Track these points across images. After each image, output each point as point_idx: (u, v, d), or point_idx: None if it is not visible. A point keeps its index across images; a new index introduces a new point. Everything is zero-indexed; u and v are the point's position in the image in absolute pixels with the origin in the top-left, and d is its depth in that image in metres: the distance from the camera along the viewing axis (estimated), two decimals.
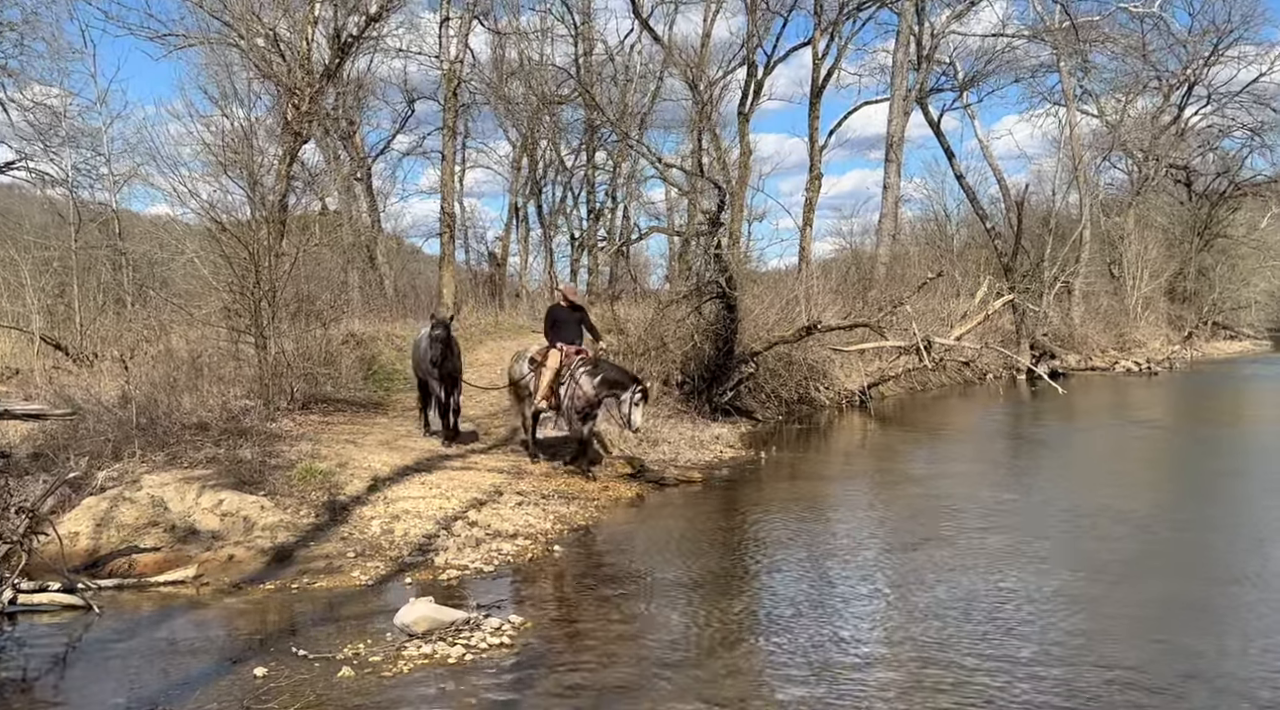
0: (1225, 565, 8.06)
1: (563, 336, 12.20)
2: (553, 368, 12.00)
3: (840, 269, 32.96)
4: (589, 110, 28.60)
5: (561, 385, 11.97)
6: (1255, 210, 49.08)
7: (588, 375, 11.81)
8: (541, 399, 12.13)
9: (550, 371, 12.00)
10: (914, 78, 31.55)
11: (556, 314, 12.49)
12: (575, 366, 11.92)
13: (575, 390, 11.83)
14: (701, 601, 7.43)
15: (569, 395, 11.90)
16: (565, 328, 12.30)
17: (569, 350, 12.10)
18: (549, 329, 12.36)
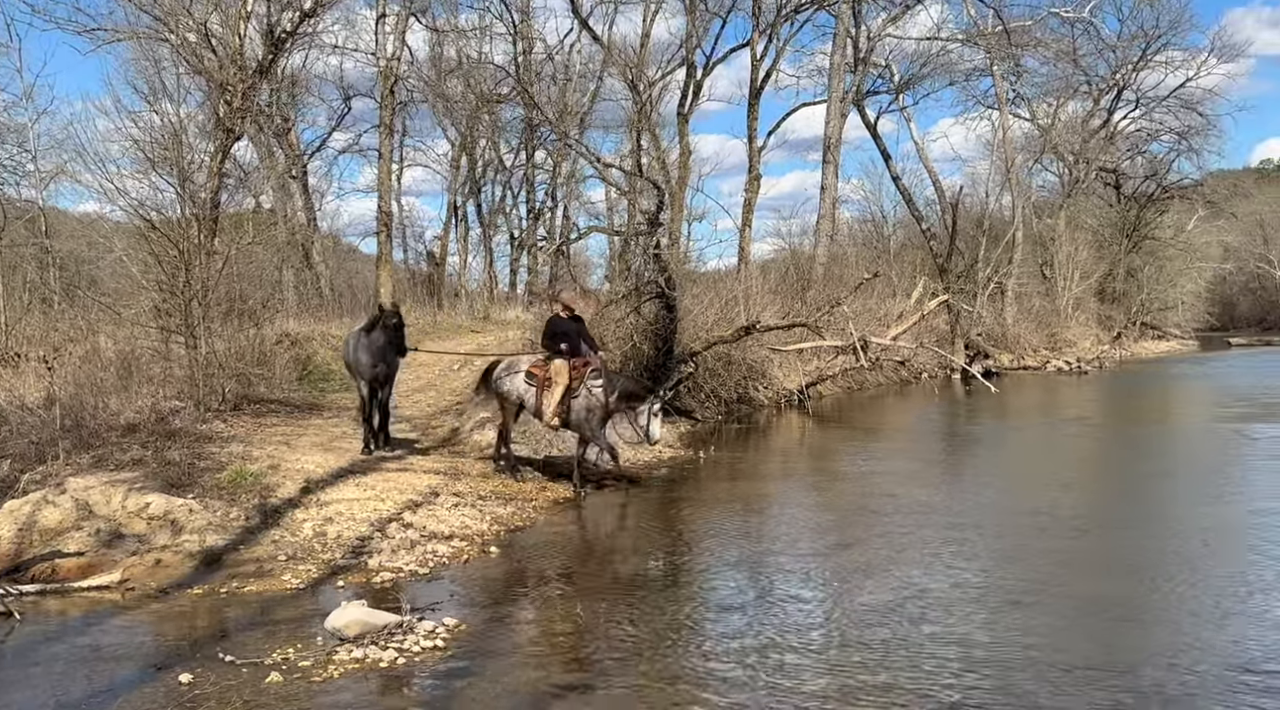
0: (1151, 563, 8.21)
1: (570, 351, 11.58)
2: (563, 383, 11.38)
3: (779, 269, 33.19)
4: (528, 109, 28.52)
5: (574, 398, 11.38)
6: (1182, 212, 50.31)
7: (602, 389, 11.32)
8: (554, 416, 11.46)
9: (561, 386, 11.38)
10: (851, 80, 31.87)
11: (558, 325, 11.84)
12: (586, 379, 11.37)
13: (591, 403, 11.31)
14: (639, 601, 7.42)
15: (584, 408, 11.34)
16: (568, 340, 11.67)
17: (577, 363, 11.50)
18: (549, 341, 11.75)
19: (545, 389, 11.48)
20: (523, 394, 11.73)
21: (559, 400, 11.36)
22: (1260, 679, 5.52)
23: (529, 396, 11.66)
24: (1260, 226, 70.84)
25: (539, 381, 11.59)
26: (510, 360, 12.30)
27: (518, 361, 12.17)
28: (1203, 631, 6.40)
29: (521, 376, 11.79)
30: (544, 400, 11.47)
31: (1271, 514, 9.61)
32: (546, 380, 11.50)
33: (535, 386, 11.61)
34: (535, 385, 11.61)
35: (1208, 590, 7.34)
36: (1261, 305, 73.86)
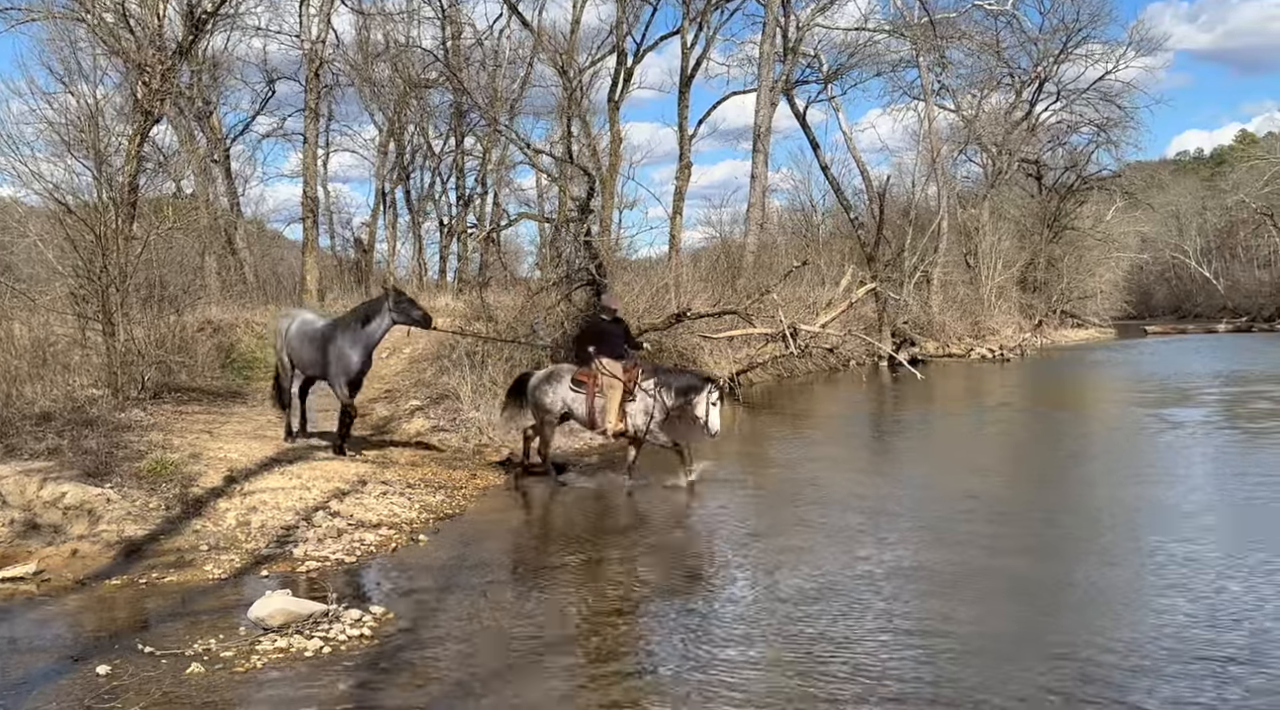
0: (1074, 545, 8.39)
1: (609, 352, 11.20)
2: (620, 386, 10.96)
3: (710, 257, 33.32)
4: (457, 95, 28.24)
5: (630, 402, 10.97)
6: (1101, 203, 51.51)
7: (660, 388, 10.96)
8: (618, 423, 11.00)
9: (618, 391, 10.96)
10: (780, 69, 32.09)
11: (600, 327, 11.48)
12: (640, 381, 10.99)
13: (648, 404, 10.91)
14: (570, 588, 7.41)
15: (642, 411, 10.95)
16: (611, 342, 11.28)
17: (628, 364, 11.14)
18: (586, 345, 11.31)
19: (597, 395, 11.01)
20: (570, 403, 11.19)
21: (618, 405, 10.92)
22: (1184, 654, 5.67)
23: (578, 405, 11.14)
24: (1176, 217, 72.84)
25: (589, 388, 11.08)
26: (550, 369, 11.74)
27: (559, 370, 11.63)
28: (1126, 611, 6.56)
29: (567, 384, 11.25)
30: (597, 407, 11.00)
31: (1188, 494, 9.89)
32: (598, 386, 11.03)
33: (585, 394, 11.10)
34: (585, 392, 11.10)
35: (1129, 570, 7.54)
36: (1176, 294, 76.01)
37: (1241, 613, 6.34)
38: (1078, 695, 5.12)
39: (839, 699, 5.17)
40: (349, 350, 11.14)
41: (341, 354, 11.15)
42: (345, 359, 11.15)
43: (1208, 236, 74.07)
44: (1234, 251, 72.26)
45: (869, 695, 5.21)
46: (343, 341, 11.17)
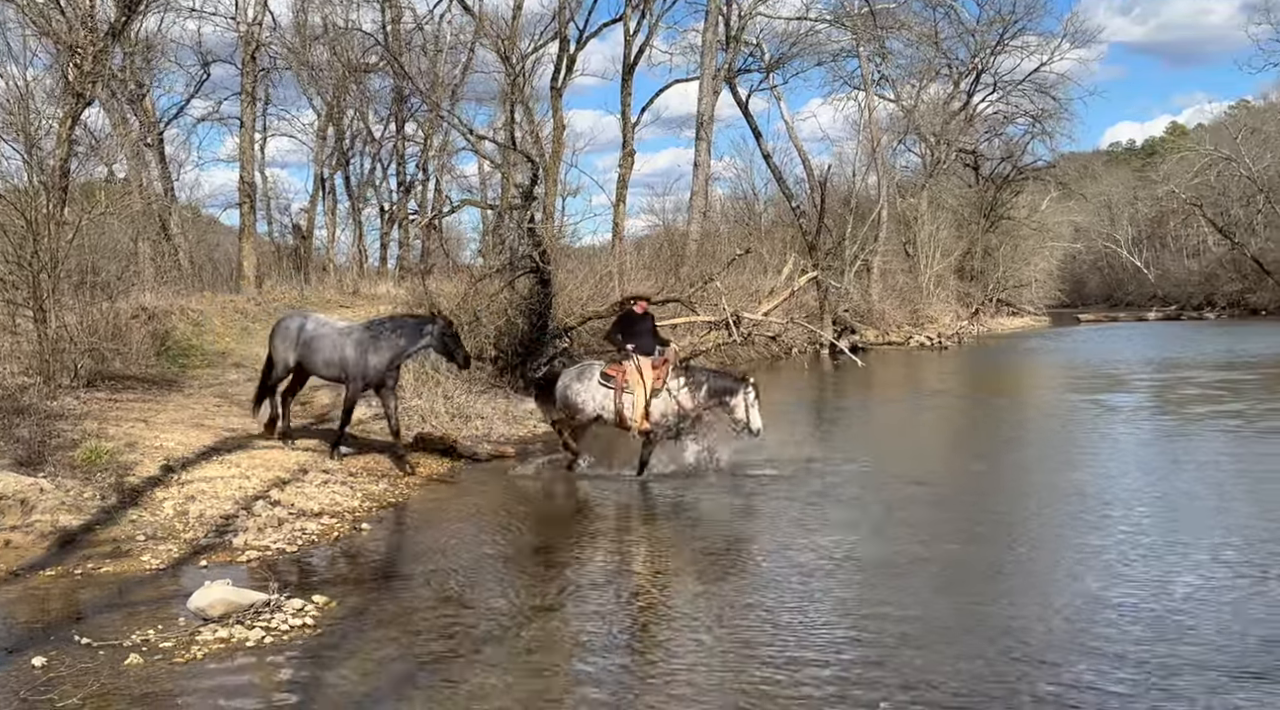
0: (1012, 528, 8.55)
1: (640, 348, 10.92)
2: (649, 384, 10.70)
3: (653, 245, 33.43)
4: (398, 79, 27.96)
5: (654, 399, 10.70)
6: (1036, 193, 52.41)
7: (690, 388, 10.74)
8: (644, 421, 10.69)
9: (643, 388, 10.69)
10: (723, 58, 32.16)
11: (630, 322, 11.19)
12: (669, 379, 10.75)
13: (667, 407, 10.69)
14: (514, 576, 7.42)
15: (660, 412, 10.71)
16: (641, 338, 11.02)
17: (657, 362, 10.86)
18: (618, 337, 11.06)
19: (624, 391, 10.76)
20: (601, 401, 10.92)
21: (645, 403, 10.67)
22: (1120, 635, 5.82)
23: (608, 402, 10.87)
24: (1108, 207, 74.34)
25: (617, 384, 10.84)
26: (579, 369, 11.48)
27: (587, 367, 11.39)
28: (1062, 593, 6.71)
29: (596, 381, 10.99)
30: (625, 404, 10.74)
31: (1122, 477, 10.11)
32: (625, 383, 10.79)
33: (614, 389, 10.85)
34: (614, 388, 10.85)
35: (1066, 553, 7.72)
36: (1109, 283, 77.59)
37: (1169, 595, 6.51)
38: (1011, 676, 5.23)
39: (777, 684, 5.23)
40: (372, 356, 10.83)
41: (362, 356, 10.84)
42: (364, 362, 10.82)
43: (1139, 226, 75.67)
44: (1164, 241, 73.90)
45: (809, 680, 5.26)
46: (372, 346, 10.85)
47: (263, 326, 19.64)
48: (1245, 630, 5.78)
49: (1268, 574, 6.84)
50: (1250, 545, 7.58)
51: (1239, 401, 16.65)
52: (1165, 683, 5.09)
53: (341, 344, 10.97)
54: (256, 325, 19.68)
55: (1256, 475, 10.42)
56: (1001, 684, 5.12)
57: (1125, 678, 5.16)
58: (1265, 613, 6.09)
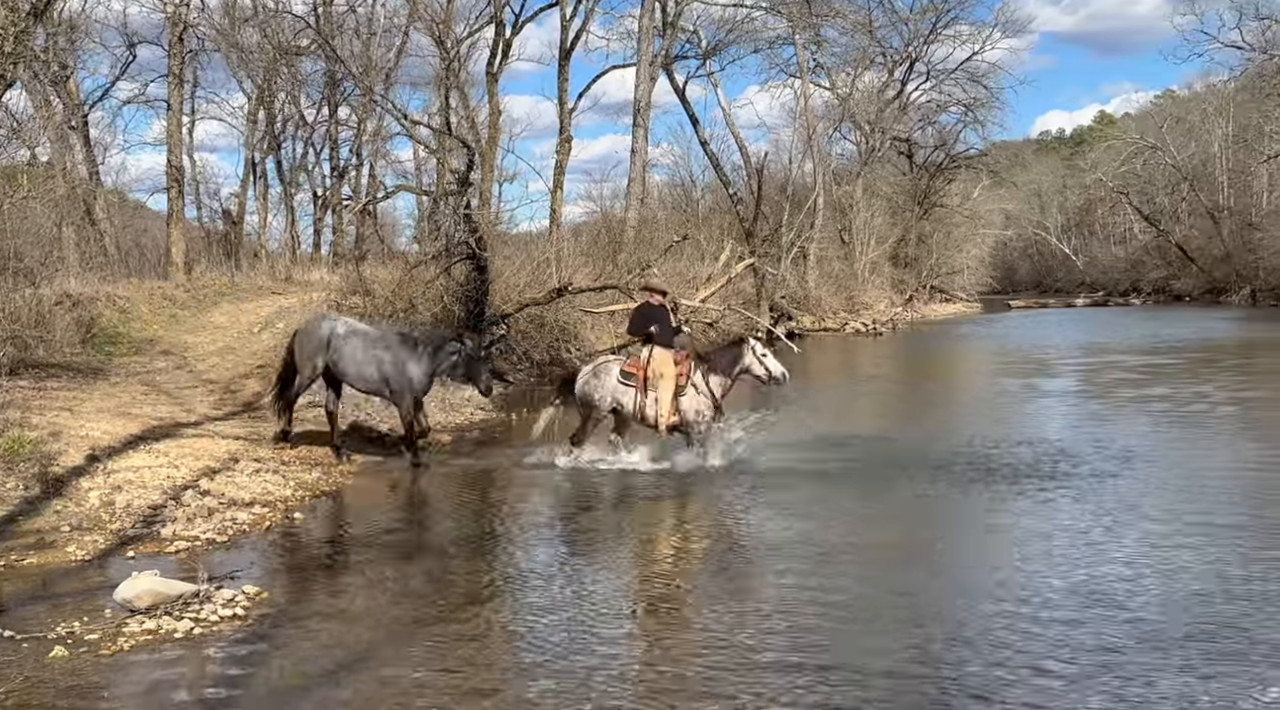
0: (947, 511, 8.67)
1: (662, 340, 10.63)
2: (671, 376, 10.40)
3: (591, 232, 33.33)
4: (330, 63, 27.51)
5: (682, 397, 10.46)
6: (968, 181, 53.29)
7: (714, 376, 10.51)
8: (671, 416, 10.40)
9: (670, 381, 10.40)
10: (660, 44, 32.12)
11: (653, 315, 10.82)
12: (693, 372, 10.50)
13: (700, 404, 10.47)
14: (449, 563, 7.38)
15: (693, 409, 10.46)
16: (664, 330, 10.71)
17: (679, 356, 10.61)
18: (639, 328, 10.78)
19: (647, 389, 10.47)
20: (620, 398, 10.64)
21: (672, 397, 10.38)
22: (1052, 616, 5.94)
23: (627, 399, 10.59)
24: (1038, 195, 75.77)
25: (639, 381, 10.54)
26: (594, 366, 11.18)
27: (606, 363, 11.10)
28: (996, 575, 6.84)
29: (615, 377, 10.70)
30: (648, 401, 10.45)
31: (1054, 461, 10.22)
32: (648, 379, 10.49)
33: (635, 387, 10.56)
34: (635, 386, 10.56)
35: (1001, 536, 7.86)
36: (1038, 269, 79.13)
37: (1096, 574, 6.67)
38: (945, 659, 5.32)
39: (717, 668, 5.26)
40: (414, 367, 10.63)
41: (402, 369, 10.65)
42: (404, 374, 10.64)
43: (1068, 214, 77.22)
44: (1092, 229, 75.49)
45: (744, 664, 5.30)
46: (411, 360, 10.65)
47: (192, 314, 19.33)
48: (1169, 607, 5.93)
49: (1194, 549, 7.02)
50: (1181, 522, 7.74)
51: (1164, 386, 17.07)
52: (1096, 659, 5.21)
53: (380, 358, 10.66)
54: (185, 312, 19.33)
55: (1185, 456, 10.67)
56: (928, 663, 5.20)
57: (1061, 655, 5.27)
58: (1192, 591, 6.24)
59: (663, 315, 10.87)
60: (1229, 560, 6.75)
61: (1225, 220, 54.28)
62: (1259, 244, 47.28)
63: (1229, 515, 7.97)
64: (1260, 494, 8.81)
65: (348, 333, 10.90)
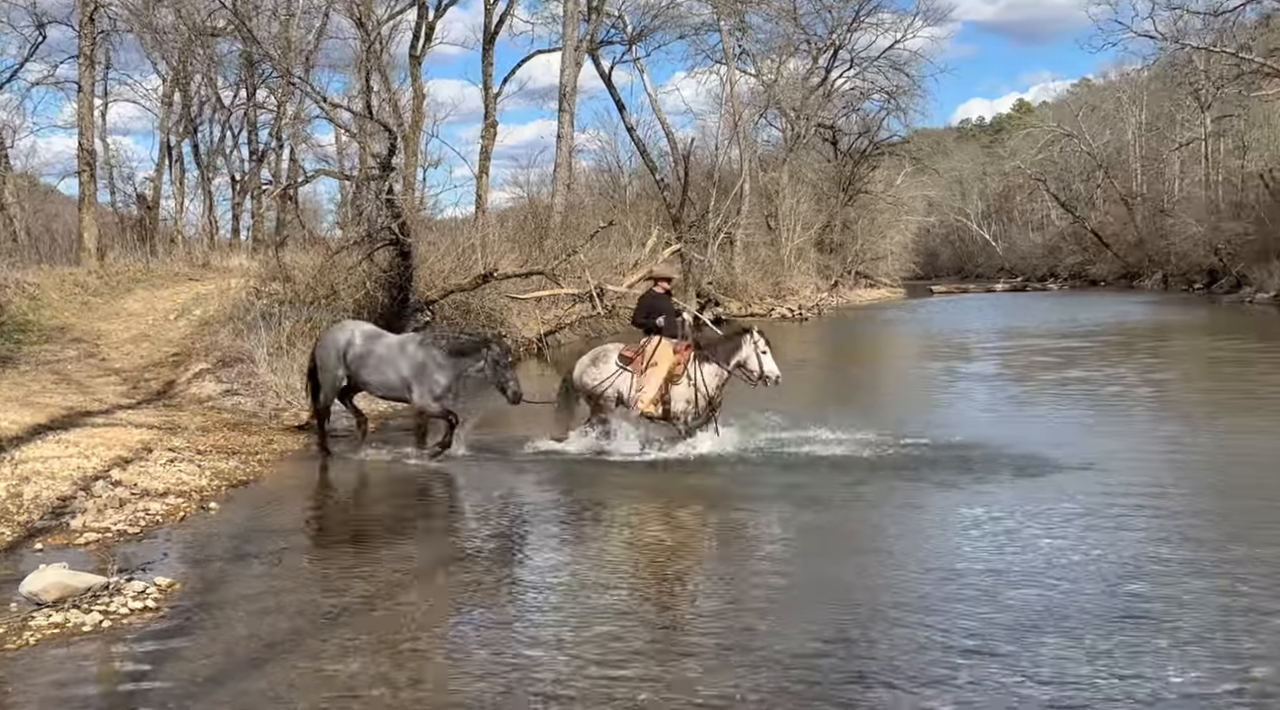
0: (867, 493, 8.74)
1: (667, 331, 10.44)
2: (666, 364, 10.17)
3: (517, 218, 33.14)
4: (247, 44, 26.88)
5: (675, 386, 10.25)
6: (891, 168, 53.97)
7: (712, 366, 10.30)
8: (650, 404, 10.18)
9: (663, 368, 10.17)
10: (585, 29, 31.96)
11: (658, 304, 10.62)
12: (693, 365, 10.27)
13: (692, 394, 10.24)
14: (369, 552, 7.27)
15: (684, 399, 10.25)
16: (670, 320, 10.52)
17: (680, 346, 10.41)
18: (644, 318, 10.51)
19: (640, 374, 10.29)
20: (618, 384, 10.41)
21: (658, 385, 10.16)
22: (963, 593, 6.04)
23: (624, 385, 10.36)
24: (959, 182, 77.08)
25: (635, 367, 10.36)
26: (594, 354, 10.90)
27: (602, 351, 10.83)
28: (918, 558, 6.94)
29: (614, 363, 10.50)
30: (625, 385, 10.25)
31: (976, 445, 10.32)
32: (644, 365, 10.30)
33: (632, 372, 10.36)
34: (631, 371, 10.37)
35: (920, 516, 7.97)
36: (960, 255, 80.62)
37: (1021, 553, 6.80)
38: (864, 639, 5.38)
39: (642, 654, 5.27)
40: (438, 374, 10.22)
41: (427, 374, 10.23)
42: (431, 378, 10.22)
43: (988, 200, 78.74)
44: (1011, 215, 77.10)
45: (668, 651, 5.30)
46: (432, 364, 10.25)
47: (105, 301, 18.81)
48: (1084, 587, 6.07)
49: (1112, 531, 7.19)
50: (1100, 504, 7.91)
51: (1082, 369, 17.46)
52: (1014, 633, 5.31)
53: (400, 363, 10.32)
54: (98, 299, 18.82)
55: (1104, 439, 10.89)
56: (844, 645, 5.26)
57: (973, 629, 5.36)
58: (1110, 572, 6.38)
59: (667, 304, 10.71)
60: (1149, 542, 6.85)
61: (1139, 207, 55.75)
62: (1170, 230, 48.63)
63: (1147, 497, 8.06)
64: (1177, 475, 8.96)
65: (366, 339, 10.60)
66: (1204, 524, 7.28)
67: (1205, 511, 7.74)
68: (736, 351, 10.35)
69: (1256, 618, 5.35)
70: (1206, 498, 8.29)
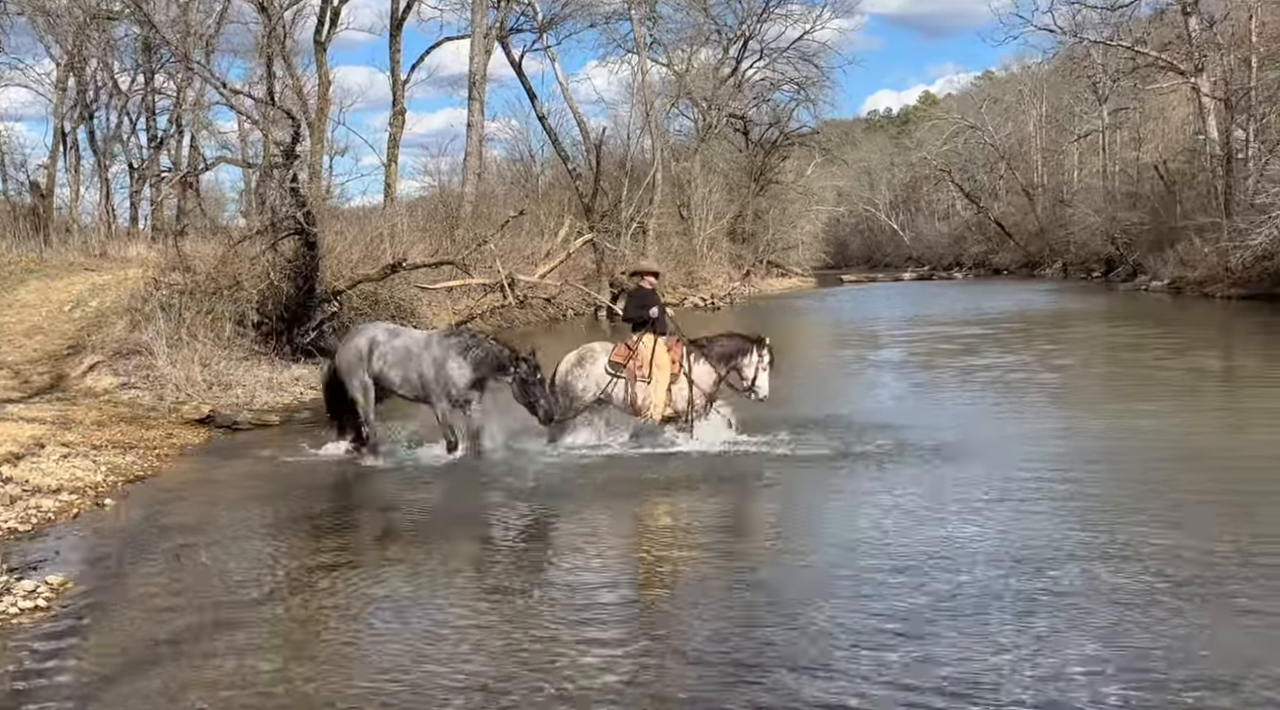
0: (766, 481, 8.82)
1: (659, 328, 10.16)
2: (667, 367, 9.90)
3: (428, 207, 32.75)
4: (144, 28, 26.11)
5: (674, 384, 9.94)
6: (802, 159, 54.58)
7: (706, 363, 10.04)
8: (665, 408, 9.87)
9: (666, 372, 9.89)
10: (494, 16, 31.69)
11: (649, 299, 10.33)
12: (685, 358, 10.01)
13: (693, 392, 9.94)
14: (269, 548, 7.13)
15: (684, 398, 9.94)
16: (660, 316, 10.23)
17: (671, 342, 10.12)
18: (641, 312, 10.20)
19: (639, 379, 9.93)
20: (607, 388, 10.06)
21: (666, 388, 9.84)
22: (868, 581, 6.13)
23: (616, 389, 10.02)
24: (868, 173, 78.35)
25: (629, 372, 9.99)
26: (579, 353, 10.38)
27: (589, 351, 10.36)
28: (824, 543, 7.02)
29: (602, 367, 10.10)
30: (639, 393, 9.90)
31: (886, 431, 10.39)
32: (639, 369, 9.94)
33: (625, 378, 10.00)
34: (626, 376, 10.00)
35: (828, 503, 8.07)
36: (869, 245, 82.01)
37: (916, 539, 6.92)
38: (763, 621, 5.43)
39: (555, 639, 5.24)
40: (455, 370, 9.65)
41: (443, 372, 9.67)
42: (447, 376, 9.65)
43: (895, 191, 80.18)
44: (918, 205, 78.63)
45: (591, 645, 5.27)
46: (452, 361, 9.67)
47: None
48: (978, 573, 6.19)
49: (1017, 516, 7.35)
50: (1006, 488, 8.06)
51: (988, 355, 17.86)
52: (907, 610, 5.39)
53: (421, 357, 9.78)
54: None
55: (1011, 423, 11.14)
56: (746, 626, 5.30)
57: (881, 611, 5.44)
58: (1008, 556, 6.52)
59: (655, 300, 10.44)
60: (1050, 526, 6.93)
61: (1040, 197, 57.32)
62: (1070, 220, 50.06)
63: (1050, 482, 8.17)
64: (1077, 460, 9.13)
65: (390, 335, 10.09)
66: (1101, 507, 7.40)
67: (1101, 495, 7.88)
68: (740, 355, 10.16)
69: (1150, 599, 5.49)
70: (1103, 482, 8.42)
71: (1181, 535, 6.49)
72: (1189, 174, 37.19)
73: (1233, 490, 7.72)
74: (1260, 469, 8.41)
